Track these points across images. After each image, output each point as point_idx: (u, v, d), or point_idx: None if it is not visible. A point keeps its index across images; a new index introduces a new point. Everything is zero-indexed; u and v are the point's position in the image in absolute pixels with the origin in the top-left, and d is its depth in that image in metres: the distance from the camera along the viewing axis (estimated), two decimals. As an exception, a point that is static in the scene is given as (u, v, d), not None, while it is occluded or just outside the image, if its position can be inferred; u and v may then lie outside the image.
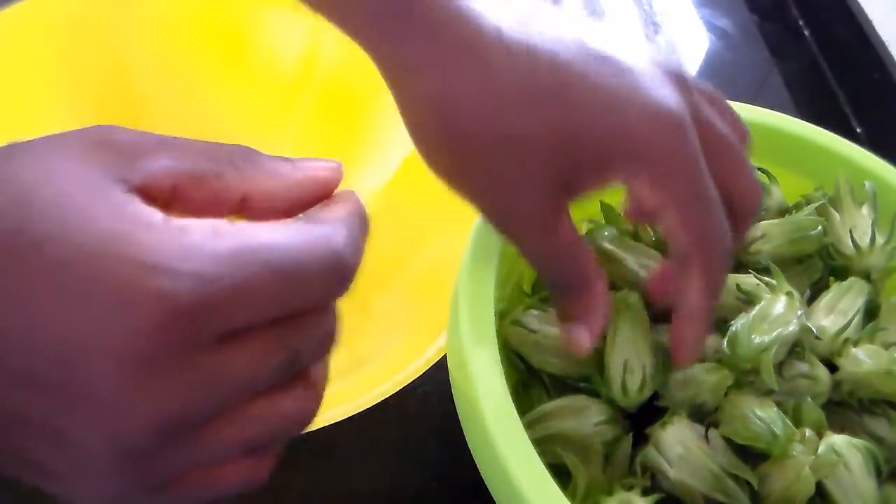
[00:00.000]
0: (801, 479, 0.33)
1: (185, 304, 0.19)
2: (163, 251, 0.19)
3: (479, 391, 0.31)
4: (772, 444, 0.34)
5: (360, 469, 0.45)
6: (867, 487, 0.34)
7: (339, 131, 0.59)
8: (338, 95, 0.59)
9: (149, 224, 0.19)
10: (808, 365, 0.37)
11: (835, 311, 0.40)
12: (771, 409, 0.35)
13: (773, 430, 0.34)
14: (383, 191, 0.56)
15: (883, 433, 0.37)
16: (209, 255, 0.19)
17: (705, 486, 0.34)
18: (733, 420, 0.35)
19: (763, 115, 0.47)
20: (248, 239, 0.20)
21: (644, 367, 0.36)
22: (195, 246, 0.19)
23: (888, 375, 0.36)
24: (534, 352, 0.38)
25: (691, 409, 0.36)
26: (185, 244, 0.19)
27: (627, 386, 0.36)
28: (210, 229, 0.20)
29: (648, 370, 0.36)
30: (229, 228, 0.20)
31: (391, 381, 0.40)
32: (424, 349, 0.41)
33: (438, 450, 0.47)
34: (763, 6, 0.89)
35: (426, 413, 0.42)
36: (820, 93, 0.80)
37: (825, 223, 0.42)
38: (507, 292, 0.42)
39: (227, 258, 0.19)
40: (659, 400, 0.37)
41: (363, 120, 0.57)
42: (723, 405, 0.36)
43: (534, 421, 0.36)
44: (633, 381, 0.36)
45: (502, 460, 0.30)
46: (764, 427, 0.34)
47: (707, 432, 0.35)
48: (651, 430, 0.36)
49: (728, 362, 0.36)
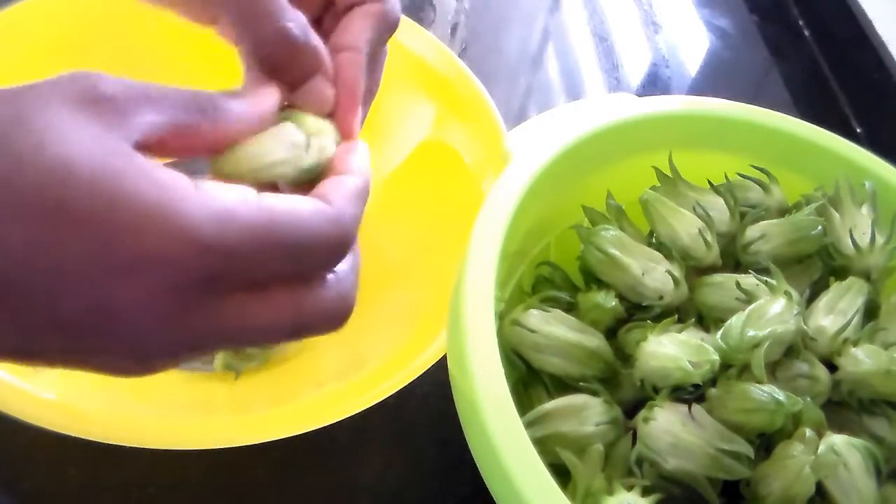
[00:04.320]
0: (801, 479, 0.33)
1: (210, 271, 0.22)
2: (196, 221, 0.22)
3: (479, 391, 0.31)
4: (775, 412, 0.34)
5: (360, 469, 0.45)
6: (867, 487, 0.34)
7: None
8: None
9: (179, 189, 0.22)
10: (807, 365, 0.38)
11: (834, 310, 0.40)
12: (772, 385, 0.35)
13: (775, 398, 0.34)
14: (382, 189, 0.56)
15: (883, 433, 0.38)
16: (236, 226, 0.22)
17: (703, 468, 0.34)
18: (728, 400, 0.35)
19: (763, 115, 0.47)
20: (269, 213, 0.23)
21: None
22: (223, 216, 0.22)
23: (888, 375, 0.36)
24: (533, 352, 0.38)
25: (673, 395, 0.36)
26: (215, 215, 0.22)
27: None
28: (236, 199, 0.23)
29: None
30: (254, 199, 0.23)
31: (392, 380, 0.40)
32: (425, 349, 0.41)
33: (438, 449, 0.47)
34: (763, 6, 0.89)
35: (426, 413, 0.42)
36: (820, 92, 0.80)
37: (825, 223, 0.42)
38: (507, 292, 0.42)
39: (250, 231, 0.23)
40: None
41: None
42: (712, 395, 0.36)
43: (534, 421, 0.36)
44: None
45: (503, 461, 0.30)
46: (766, 396, 0.34)
47: (690, 410, 0.35)
48: (636, 425, 0.36)
49: (721, 353, 0.36)
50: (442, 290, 0.38)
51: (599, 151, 0.44)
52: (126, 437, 0.35)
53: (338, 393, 0.41)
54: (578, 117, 0.44)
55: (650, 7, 0.88)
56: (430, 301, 0.46)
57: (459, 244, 0.37)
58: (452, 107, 0.54)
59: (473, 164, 0.51)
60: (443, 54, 0.55)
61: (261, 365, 0.47)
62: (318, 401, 0.41)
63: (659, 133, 0.46)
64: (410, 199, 0.54)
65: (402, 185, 0.55)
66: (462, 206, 0.33)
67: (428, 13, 0.79)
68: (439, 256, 0.50)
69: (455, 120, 0.54)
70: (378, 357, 0.44)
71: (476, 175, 0.50)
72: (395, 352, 0.44)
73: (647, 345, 0.37)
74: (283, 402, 0.42)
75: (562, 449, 0.35)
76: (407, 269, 0.51)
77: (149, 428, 0.37)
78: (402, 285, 0.50)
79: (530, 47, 0.80)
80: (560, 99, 0.75)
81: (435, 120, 0.55)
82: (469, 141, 0.53)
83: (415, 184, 0.54)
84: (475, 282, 0.35)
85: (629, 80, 0.79)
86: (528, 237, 0.42)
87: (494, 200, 0.38)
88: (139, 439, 0.36)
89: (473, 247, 0.36)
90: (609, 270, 0.40)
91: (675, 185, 0.44)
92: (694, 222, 0.42)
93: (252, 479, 0.43)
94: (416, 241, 0.52)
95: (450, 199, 0.30)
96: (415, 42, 0.56)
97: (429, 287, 0.48)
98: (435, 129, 0.55)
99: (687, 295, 0.41)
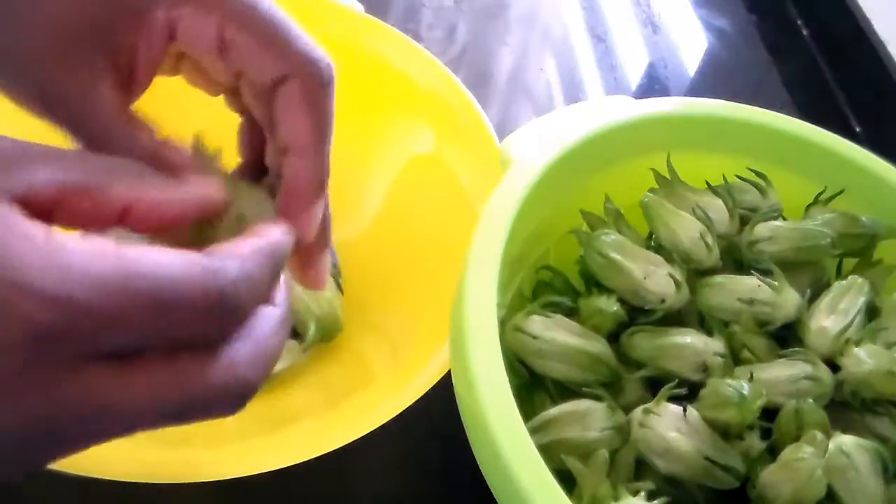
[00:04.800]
0: (812, 482, 0.33)
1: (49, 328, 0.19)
2: (37, 271, 0.19)
3: (483, 399, 0.31)
4: (740, 406, 0.34)
5: (361, 472, 0.45)
6: (874, 488, 0.34)
7: (337, 136, 0.59)
8: (337, 101, 0.59)
9: (28, 240, 0.19)
10: (810, 366, 0.37)
11: (836, 311, 0.40)
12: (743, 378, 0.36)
13: (740, 392, 0.35)
14: (382, 201, 0.56)
15: (887, 432, 0.38)
16: (83, 278, 0.19)
17: (695, 475, 0.35)
18: (707, 398, 0.36)
19: (762, 115, 0.47)
20: (128, 264, 0.20)
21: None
22: (72, 267, 0.19)
23: (889, 375, 0.36)
24: (536, 358, 0.38)
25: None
26: (62, 264, 0.19)
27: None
28: (92, 250, 0.20)
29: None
30: (112, 251, 0.20)
31: (400, 398, 0.40)
32: (428, 363, 0.42)
33: (440, 451, 0.47)
34: (761, 6, 0.89)
35: (427, 414, 0.42)
36: (819, 92, 0.80)
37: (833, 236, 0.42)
38: (508, 298, 0.42)
39: (100, 283, 0.19)
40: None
41: (362, 126, 0.57)
42: (701, 394, 0.37)
43: (538, 427, 0.36)
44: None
45: (508, 468, 0.30)
46: (731, 391, 0.35)
47: (685, 412, 0.36)
48: (630, 427, 0.36)
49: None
50: (445, 299, 0.38)
51: (598, 155, 0.44)
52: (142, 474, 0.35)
53: (347, 411, 0.41)
54: (577, 121, 0.44)
55: (648, 7, 0.88)
56: (434, 312, 0.46)
57: (457, 256, 0.37)
58: (445, 121, 0.55)
59: (467, 181, 0.52)
60: (436, 70, 0.56)
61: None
62: (325, 426, 0.41)
63: (657, 135, 0.46)
64: (407, 213, 0.54)
65: (396, 201, 0.55)
66: (456, 220, 0.32)
67: (426, 16, 0.79)
68: (440, 266, 0.50)
69: (448, 134, 0.54)
70: (387, 373, 0.44)
71: (470, 191, 0.51)
72: (403, 367, 0.44)
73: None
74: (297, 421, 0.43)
75: (567, 455, 0.35)
76: (409, 282, 0.52)
77: (160, 462, 0.37)
78: (407, 298, 0.51)
79: (529, 48, 0.80)
80: (559, 100, 0.75)
81: (427, 134, 0.55)
82: (463, 155, 0.53)
83: (409, 199, 0.54)
84: (477, 289, 0.35)
85: (628, 80, 0.79)
86: (528, 242, 0.42)
87: (495, 206, 0.38)
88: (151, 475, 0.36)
89: (474, 253, 0.36)
90: (610, 275, 0.40)
91: (674, 187, 0.44)
92: (694, 225, 0.42)
93: (254, 480, 0.43)
94: (412, 256, 0.53)
95: (445, 213, 0.30)
96: (407, 60, 0.56)
97: (433, 298, 0.48)
98: (427, 143, 0.55)
99: (689, 297, 0.41)
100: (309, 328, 0.47)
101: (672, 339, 0.39)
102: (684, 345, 0.39)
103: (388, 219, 0.55)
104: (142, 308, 0.20)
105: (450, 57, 0.75)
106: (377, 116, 0.57)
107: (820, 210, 0.44)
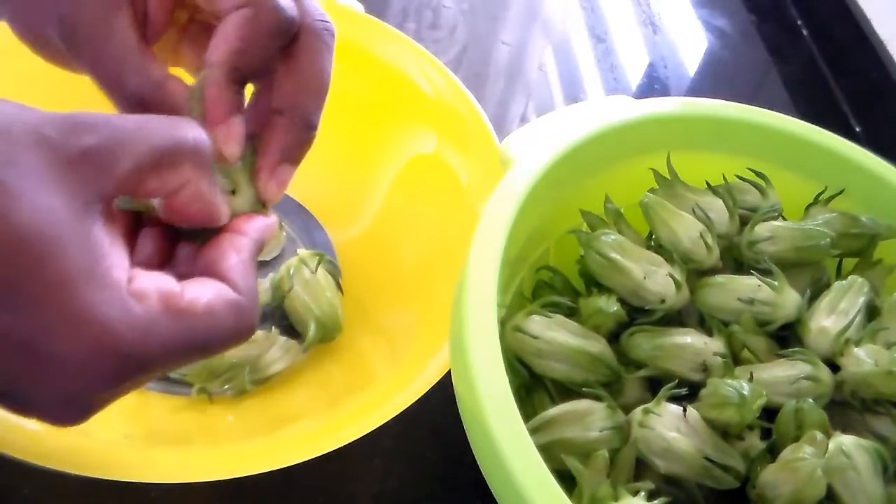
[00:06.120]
0: (812, 482, 0.33)
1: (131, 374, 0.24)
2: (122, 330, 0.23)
3: (483, 399, 0.31)
4: (740, 405, 0.34)
5: (362, 471, 0.45)
6: (874, 488, 0.34)
7: (338, 137, 0.59)
8: (337, 101, 0.59)
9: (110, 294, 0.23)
10: (810, 366, 0.38)
11: (836, 311, 0.40)
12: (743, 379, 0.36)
13: (740, 392, 0.35)
14: (382, 201, 0.56)
15: (887, 432, 0.38)
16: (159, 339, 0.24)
17: (695, 475, 0.35)
18: (707, 398, 0.36)
19: (762, 115, 0.47)
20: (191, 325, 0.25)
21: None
22: (149, 324, 0.24)
23: (889, 375, 0.36)
24: (536, 358, 0.38)
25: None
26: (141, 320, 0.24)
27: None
28: (160, 305, 0.24)
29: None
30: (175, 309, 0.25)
31: (400, 398, 0.40)
32: (428, 364, 0.42)
33: (440, 451, 0.47)
34: (761, 6, 0.89)
35: (427, 414, 0.42)
36: (819, 92, 0.80)
37: (833, 236, 0.42)
38: (508, 298, 0.42)
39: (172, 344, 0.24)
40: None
41: (361, 126, 0.57)
42: (702, 394, 0.37)
43: (538, 427, 0.36)
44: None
45: (508, 468, 0.30)
46: (732, 391, 0.35)
47: (685, 412, 0.36)
48: (629, 427, 0.36)
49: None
50: (446, 300, 0.38)
51: (598, 155, 0.44)
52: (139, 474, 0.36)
53: (350, 412, 0.41)
54: (577, 121, 0.44)
55: (648, 7, 0.88)
56: (436, 312, 0.46)
57: (457, 256, 0.37)
58: (445, 121, 0.55)
59: (467, 181, 0.52)
60: (436, 70, 0.56)
61: (258, 387, 0.47)
62: (325, 426, 0.41)
63: (657, 135, 0.46)
64: (407, 213, 0.54)
65: (396, 201, 0.55)
66: (456, 220, 0.32)
67: (426, 16, 0.79)
68: (441, 266, 0.50)
69: (448, 134, 0.54)
70: (389, 374, 0.44)
71: (470, 191, 0.51)
72: (404, 367, 0.44)
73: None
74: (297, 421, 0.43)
75: (567, 455, 0.35)
76: (412, 283, 0.52)
77: (159, 462, 0.37)
78: (410, 300, 0.51)
79: (529, 48, 0.80)
80: (559, 100, 0.75)
81: (426, 134, 0.55)
82: (463, 155, 0.53)
83: (409, 199, 0.55)
84: (477, 289, 0.35)
85: (628, 80, 0.79)
86: (528, 242, 0.42)
87: (495, 206, 0.38)
88: (150, 475, 0.36)
89: (474, 253, 0.36)
90: (610, 275, 0.40)
91: (674, 187, 0.44)
92: (694, 225, 0.42)
93: (255, 480, 0.43)
94: (413, 256, 0.53)
95: (445, 213, 0.30)
96: (407, 60, 0.56)
97: (435, 298, 0.48)
98: (427, 144, 0.55)
99: (689, 297, 0.41)
100: (309, 328, 0.47)
101: (672, 339, 0.39)
102: (684, 345, 0.39)
103: (388, 219, 0.55)
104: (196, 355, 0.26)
105: (450, 57, 0.75)
106: (377, 117, 0.57)
107: (820, 210, 0.44)
